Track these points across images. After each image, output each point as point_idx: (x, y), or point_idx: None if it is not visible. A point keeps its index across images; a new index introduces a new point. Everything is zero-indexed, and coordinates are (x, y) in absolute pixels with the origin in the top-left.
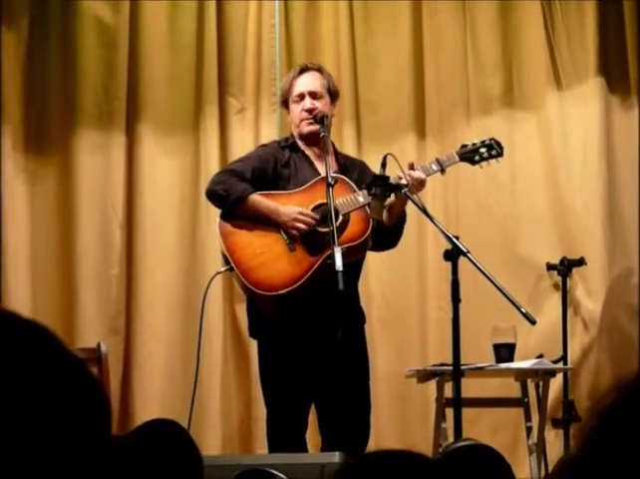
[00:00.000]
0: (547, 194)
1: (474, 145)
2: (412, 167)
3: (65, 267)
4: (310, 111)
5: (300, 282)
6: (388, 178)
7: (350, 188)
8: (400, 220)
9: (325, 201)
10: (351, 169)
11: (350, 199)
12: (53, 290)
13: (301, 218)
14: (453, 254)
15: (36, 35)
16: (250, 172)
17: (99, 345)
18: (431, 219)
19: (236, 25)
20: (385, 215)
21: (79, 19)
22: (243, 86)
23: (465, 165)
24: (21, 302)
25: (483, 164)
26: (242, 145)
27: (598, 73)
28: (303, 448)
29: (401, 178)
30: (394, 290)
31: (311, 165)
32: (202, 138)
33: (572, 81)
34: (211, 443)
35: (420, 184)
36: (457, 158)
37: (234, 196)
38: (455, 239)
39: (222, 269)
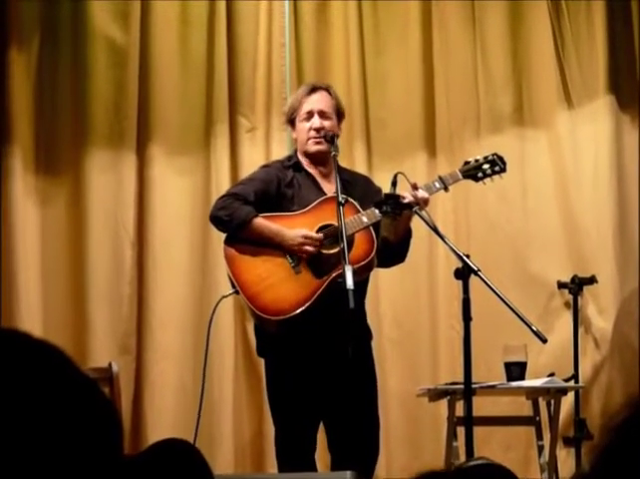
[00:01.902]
0: (558, 211)
1: (476, 161)
2: (415, 187)
3: (76, 287)
4: (318, 130)
5: (307, 305)
6: (399, 196)
7: (354, 208)
8: (406, 235)
9: (329, 222)
10: (354, 185)
11: (354, 219)
12: (64, 310)
13: (306, 241)
14: (463, 273)
15: (46, 55)
16: (253, 194)
17: (110, 365)
18: (441, 237)
19: (247, 44)
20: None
21: (89, 39)
22: (254, 105)
23: (474, 183)
24: (33, 322)
25: (487, 180)
26: (253, 164)
27: (608, 91)
28: (312, 467)
29: (404, 197)
30: (405, 309)
31: (315, 184)
32: (213, 157)
33: (583, 99)
34: (223, 460)
35: (424, 203)
36: (459, 175)
37: (238, 220)
38: (465, 258)
39: (227, 294)
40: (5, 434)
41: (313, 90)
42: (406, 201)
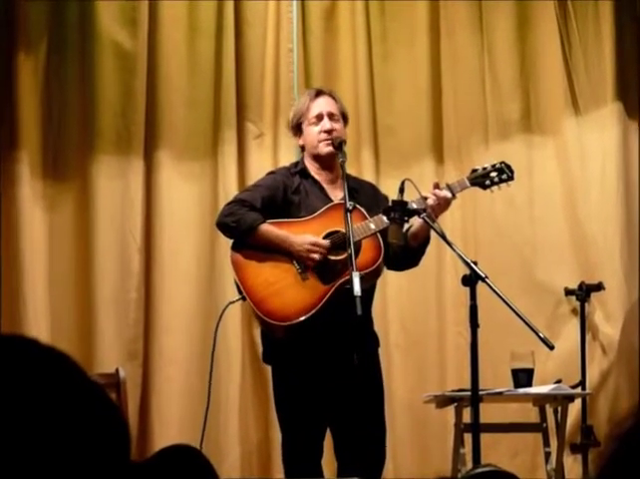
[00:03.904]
0: (565, 219)
1: (484, 169)
2: (437, 186)
3: (83, 293)
4: (329, 131)
5: (313, 311)
6: (406, 203)
7: (362, 215)
8: (425, 241)
9: (336, 228)
10: (361, 192)
11: (361, 226)
12: (71, 316)
13: (314, 248)
14: (471, 280)
15: (54, 60)
16: (260, 200)
17: (117, 370)
18: (449, 244)
19: (254, 50)
20: (410, 234)
21: (97, 44)
22: (261, 111)
23: (482, 190)
24: (40, 328)
25: (494, 188)
26: (260, 170)
27: (616, 98)
28: (319, 474)
29: (426, 198)
30: (412, 316)
31: (322, 190)
32: (220, 163)
33: (590, 106)
34: (229, 467)
35: (446, 203)
36: (467, 183)
37: (244, 226)
38: (473, 265)
39: (234, 300)
40: (13, 440)
41: (318, 94)
42: (429, 201)
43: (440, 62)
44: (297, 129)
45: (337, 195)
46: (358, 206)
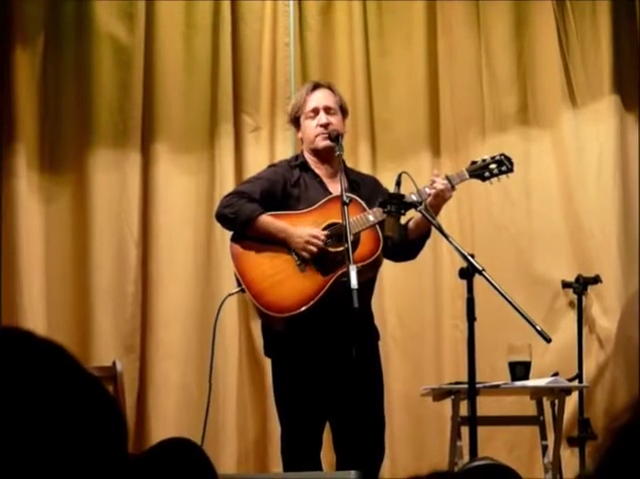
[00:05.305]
0: (562, 211)
1: (483, 161)
2: (435, 180)
3: (80, 286)
4: (325, 125)
5: (312, 303)
6: (403, 196)
7: (361, 207)
8: (425, 234)
9: (335, 221)
10: (362, 185)
11: (360, 218)
12: (68, 309)
13: (312, 240)
14: (468, 272)
15: (51, 54)
16: (259, 192)
17: (114, 364)
18: (446, 236)
19: (251, 43)
20: (410, 227)
21: (94, 38)
22: (258, 104)
23: (479, 182)
24: (37, 321)
25: (494, 180)
26: (257, 163)
27: (613, 91)
28: (318, 466)
29: (429, 195)
30: (409, 309)
31: (321, 183)
32: (217, 156)
33: (587, 99)
34: (227, 461)
35: (445, 194)
36: (466, 175)
37: (243, 217)
38: (470, 258)
39: (234, 291)
40: (9, 433)
41: (316, 87)
42: (433, 191)
43: (437, 56)
44: (296, 122)
45: (336, 188)
46: (357, 198)
